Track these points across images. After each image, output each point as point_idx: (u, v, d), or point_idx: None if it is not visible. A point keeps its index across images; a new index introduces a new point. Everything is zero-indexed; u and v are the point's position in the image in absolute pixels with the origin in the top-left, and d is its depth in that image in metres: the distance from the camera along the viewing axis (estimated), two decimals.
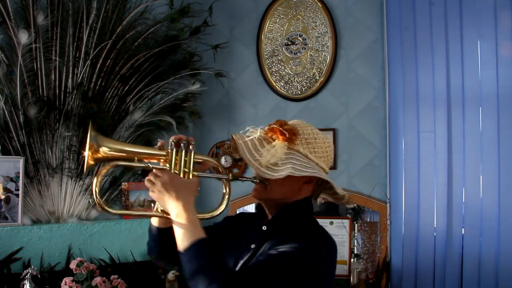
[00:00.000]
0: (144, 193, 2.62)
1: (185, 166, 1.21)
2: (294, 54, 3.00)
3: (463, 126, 2.52)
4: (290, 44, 3.01)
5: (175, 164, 1.21)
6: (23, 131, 2.28)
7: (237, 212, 3.00)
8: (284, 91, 3.01)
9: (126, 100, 2.55)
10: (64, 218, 2.41)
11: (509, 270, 2.36)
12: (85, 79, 2.41)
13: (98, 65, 2.43)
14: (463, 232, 2.50)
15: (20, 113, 2.26)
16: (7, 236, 2.12)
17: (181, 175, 1.21)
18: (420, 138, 2.63)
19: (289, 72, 3.00)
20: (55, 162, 2.38)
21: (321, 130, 3.13)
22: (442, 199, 2.54)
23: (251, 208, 3.00)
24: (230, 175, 1.31)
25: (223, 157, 3.07)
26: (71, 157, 2.40)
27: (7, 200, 2.19)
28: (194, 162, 1.24)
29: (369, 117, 2.85)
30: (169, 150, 1.21)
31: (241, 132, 1.29)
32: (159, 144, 1.24)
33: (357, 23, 2.90)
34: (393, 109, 2.73)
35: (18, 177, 2.21)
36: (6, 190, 2.19)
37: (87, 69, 2.41)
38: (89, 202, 2.47)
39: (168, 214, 1.18)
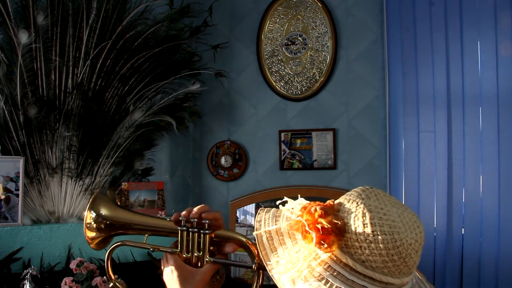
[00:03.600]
0: (144, 193, 2.62)
1: (198, 250, 1.01)
2: (294, 54, 3.00)
3: (463, 126, 2.53)
4: (290, 44, 3.01)
5: (185, 247, 1.02)
6: (23, 131, 2.28)
7: (237, 213, 3.00)
8: (284, 91, 3.01)
9: (126, 100, 2.55)
10: (64, 218, 2.40)
11: (509, 270, 2.36)
12: (85, 79, 2.40)
13: (98, 65, 2.43)
14: (463, 232, 2.50)
15: (20, 113, 2.26)
16: (7, 236, 2.12)
17: (193, 261, 1.02)
18: (420, 138, 2.63)
19: (289, 72, 3.00)
20: (55, 162, 2.38)
21: (321, 130, 3.18)
22: (442, 199, 2.55)
23: (251, 208, 3.00)
24: (255, 264, 0.98)
25: (223, 157, 3.07)
26: (71, 157, 2.40)
27: (7, 200, 2.19)
28: (215, 242, 1.03)
29: (369, 117, 2.85)
30: (179, 230, 1.02)
31: (278, 203, 0.92)
32: (172, 217, 1.05)
33: (357, 23, 2.90)
34: (393, 109, 2.73)
35: (18, 177, 2.21)
36: (6, 190, 2.19)
37: (87, 69, 2.40)
38: None
39: None
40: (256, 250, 0.97)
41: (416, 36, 2.67)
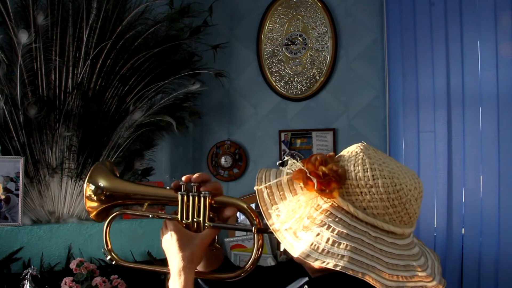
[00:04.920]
0: None
1: (197, 215, 1.02)
2: (294, 54, 3.00)
3: (463, 126, 2.53)
4: (290, 44, 3.01)
5: (185, 212, 1.02)
6: (23, 131, 2.28)
7: (237, 213, 3.00)
8: (284, 91, 3.01)
9: (126, 100, 2.55)
10: (64, 218, 2.40)
11: (509, 270, 2.36)
12: (85, 79, 2.40)
13: (98, 65, 2.43)
14: (463, 232, 2.50)
15: (20, 113, 2.26)
16: (7, 236, 2.12)
17: (193, 226, 1.02)
18: (420, 138, 2.63)
19: (289, 72, 3.00)
20: (55, 162, 2.38)
21: (321, 130, 3.17)
22: (442, 199, 2.55)
23: None
24: (255, 227, 0.99)
25: (223, 157, 3.07)
26: (71, 157, 2.40)
27: (7, 200, 2.19)
28: (215, 208, 1.04)
29: (369, 117, 2.85)
30: (179, 194, 1.03)
31: (278, 163, 0.98)
32: (172, 184, 1.06)
33: (357, 23, 2.90)
34: (393, 109, 2.73)
35: (18, 177, 2.21)
36: (6, 190, 2.19)
37: (87, 69, 2.40)
38: None
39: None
40: (255, 215, 0.99)
41: (416, 36, 2.66)
